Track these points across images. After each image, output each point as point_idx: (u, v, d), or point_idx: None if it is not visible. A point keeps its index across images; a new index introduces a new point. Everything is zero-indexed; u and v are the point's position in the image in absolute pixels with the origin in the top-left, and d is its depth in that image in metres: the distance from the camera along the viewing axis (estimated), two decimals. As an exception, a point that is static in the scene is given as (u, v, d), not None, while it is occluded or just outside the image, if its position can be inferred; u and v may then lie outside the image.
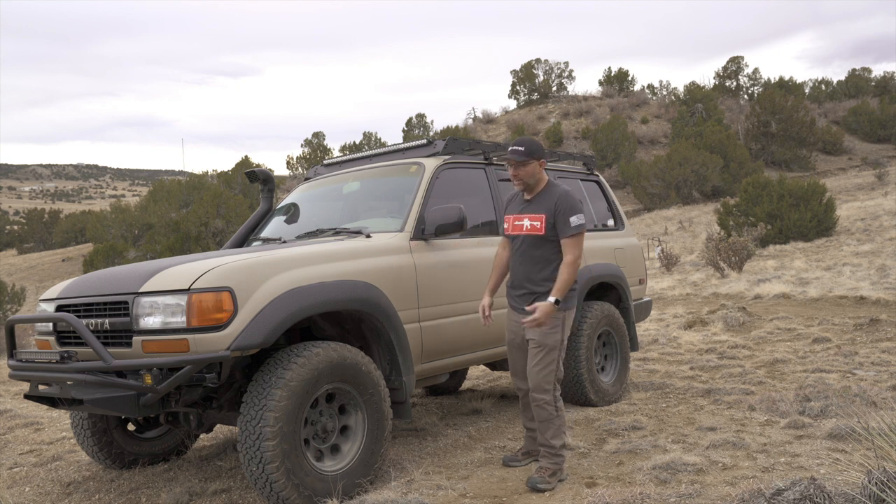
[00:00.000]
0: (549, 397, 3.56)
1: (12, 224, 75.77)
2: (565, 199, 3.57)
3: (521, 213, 3.68)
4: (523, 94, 60.14)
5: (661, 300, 12.51)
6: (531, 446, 3.83)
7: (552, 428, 3.57)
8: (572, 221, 3.53)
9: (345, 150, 53.51)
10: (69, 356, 3.25)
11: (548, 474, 3.51)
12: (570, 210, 3.54)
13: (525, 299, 3.63)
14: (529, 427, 3.84)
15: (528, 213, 3.65)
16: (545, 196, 3.63)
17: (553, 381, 3.58)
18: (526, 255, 3.64)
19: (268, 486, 3.13)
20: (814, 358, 6.58)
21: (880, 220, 21.96)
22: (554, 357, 3.56)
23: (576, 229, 3.53)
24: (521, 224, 3.65)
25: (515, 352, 3.78)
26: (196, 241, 31.66)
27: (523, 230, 3.64)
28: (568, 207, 3.54)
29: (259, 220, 5.04)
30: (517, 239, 3.69)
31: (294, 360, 3.24)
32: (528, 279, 3.64)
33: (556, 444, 3.56)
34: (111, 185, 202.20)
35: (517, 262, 3.69)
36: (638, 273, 5.95)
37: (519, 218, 3.68)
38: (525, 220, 3.64)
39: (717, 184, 37.65)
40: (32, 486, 4.06)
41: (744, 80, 58.49)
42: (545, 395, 3.56)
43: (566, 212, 3.54)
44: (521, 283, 3.68)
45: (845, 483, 2.85)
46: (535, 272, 3.62)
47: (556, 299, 3.46)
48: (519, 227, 3.67)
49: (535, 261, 3.62)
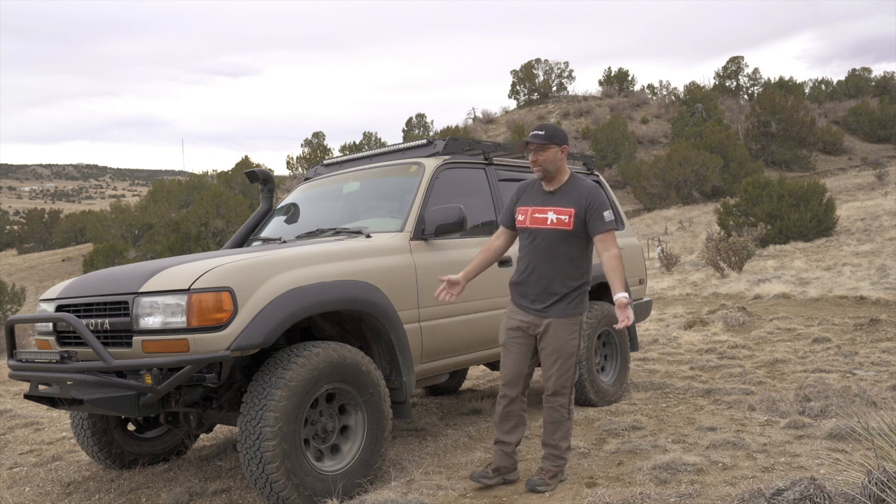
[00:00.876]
0: (566, 400, 3.47)
1: (12, 224, 75.77)
2: (597, 193, 3.38)
3: (545, 206, 3.42)
4: (523, 94, 60.16)
5: (661, 300, 12.51)
6: (502, 462, 3.53)
7: (561, 430, 3.48)
8: (605, 216, 3.35)
9: (345, 150, 53.51)
10: (69, 356, 3.25)
11: (549, 476, 3.45)
12: (602, 205, 3.36)
13: (543, 302, 3.42)
14: (503, 440, 3.53)
15: (552, 206, 3.39)
16: (572, 189, 3.41)
17: (571, 385, 3.48)
18: (548, 251, 3.39)
19: (268, 486, 3.13)
20: (814, 358, 6.58)
21: (880, 220, 21.96)
22: (573, 363, 3.44)
23: (610, 224, 3.36)
24: (545, 217, 3.39)
25: (512, 355, 3.50)
26: (196, 241, 31.66)
27: (547, 224, 3.38)
28: (600, 202, 3.36)
29: (259, 220, 5.04)
30: (537, 233, 3.41)
31: (294, 360, 3.24)
32: (548, 279, 3.40)
33: (563, 445, 3.48)
34: (111, 185, 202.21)
35: (532, 258, 3.43)
36: (638, 273, 5.95)
37: (541, 210, 3.41)
38: (550, 213, 3.39)
39: (717, 184, 37.65)
40: (32, 486, 4.05)
41: (744, 80, 58.52)
42: (562, 399, 3.46)
43: (599, 207, 3.35)
44: (536, 284, 3.43)
45: (845, 483, 2.85)
46: (559, 270, 3.39)
47: (627, 294, 3.26)
48: (542, 220, 3.40)
49: (560, 257, 3.39)
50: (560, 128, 3.47)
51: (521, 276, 3.50)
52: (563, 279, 3.41)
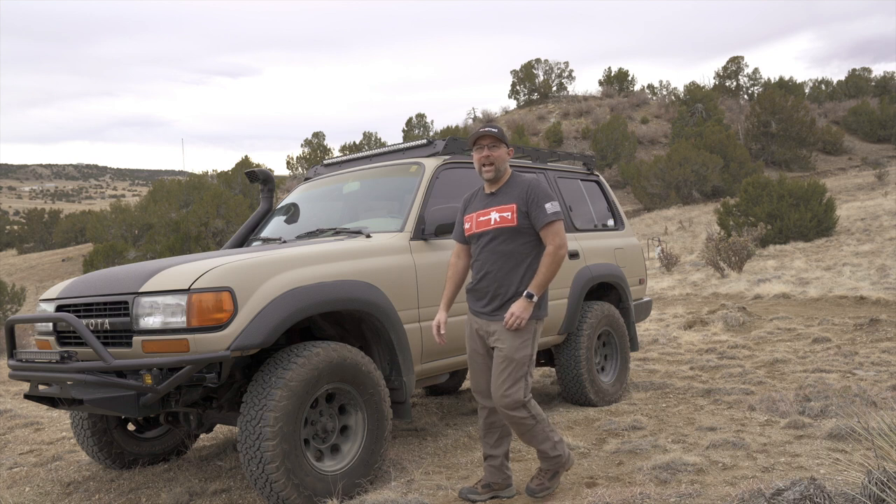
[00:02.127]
0: (524, 413, 3.19)
1: (12, 224, 75.80)
2: (536, 185, 3.25)
3: (486, 208, 3.31)
4: (523, 94, 60.21)
5: (661, 300, 12.51)
6: (493, 477, 3.36)
7: (537, 436, 3.25)
8: (548, 208, 3.18)
9: (345, 150, 53.53)
10: (69, 356, 3.24)
11: (548, 477, 3.34)
12: (545, 196, 3.21)
13: (493, 304, 3.25)
14: (490, 454, 3.37)
15: (494, 207, 3.28)
16: (511, 186, 3.30)
17: (524, 396, 3.18)
18: (496, 253, 3.24)
19: (268, 486, 3.13)
20: (814, 358, 6.58)
21: (880, 220, 21.98)
22: (523, 373, 3.18)
23: (553, 216, 3.18)
24: (488, 219, 3.27)
25: (477, 365, 3.36)
26: (196, 241, 31.68)
27: (491, 224, 3.25)
28: (542, 193, 3.21)
29: (259, 220, 5.04)
30: (483, 236, 3.29)
31: (294, 360, 3.24)
32: (498, 281, 3.23)
33: (545, 447, 3.28)
34: (111, 185, 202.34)
35: (484, 262, 3.28)
36: (638, 273, 5.95)
37: (484, 213, 3.30)
38: (492, 213, 3.27)
39: (717, 184, 37.67)
40: (32, 486, 4.05)
41: (744, 80, 58.56)
42: (518, 412, 3.18)
43: (540, 198, 3.20)
44: (487, 287, 3.26)
45: (845, 483, 2.85)
46: (507, 271, 3.22)
47: (530, 294, 3.12)
48: (485, 222, 3.28)
49: (506, 257, 3.23)
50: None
51: (473, 282, 3.36)
52: (513, 280, 3.22)
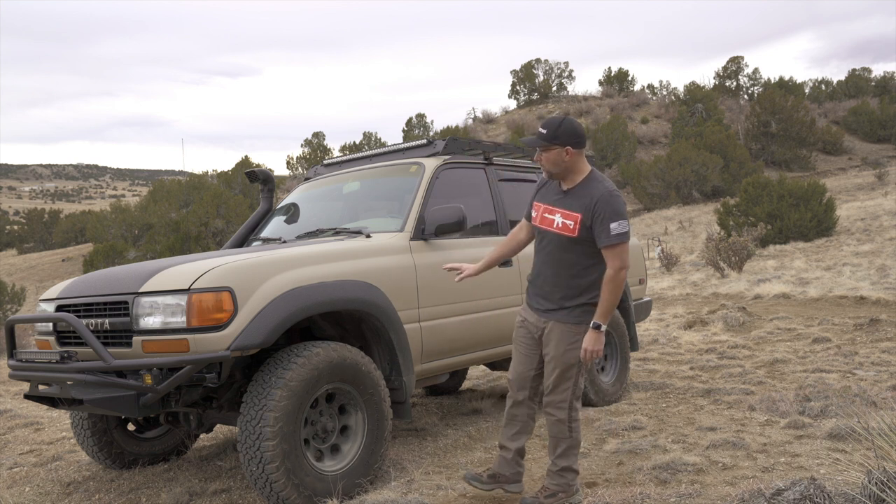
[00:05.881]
0: (564, 415, 3.14)
1: (12, 224, 75.78)
2: (607, 200, 2.99)
3: (554, 206, 3.14)
4: (523, 94, 60.17)
5: (661, 300, 12.51)
6: (501, 469, 3.30)
7: (562, 447, 3.17)
8: (613, 228, 2.96)
9: (345, 150, 53.52)
10: (69, 356, 3.24)
11: (545, 495, 3.15)
12: (613, 214, 2.97)
13: (544, 305, 3.18)
14: (504, 445, 3.32)
15: (561, 209, 3.10)
16: (583, 191, 3.07)
17: (570, 400, 3.14)
18: (553, 257, 3.14)
19: (268, 486, 3.13)
20: (814, 358, 6.58)
21: (880, 220, 21.98)
22: (572, 375, 3.12)
23: (617, 238, 2.96)
24: (553, 219, 3.11)
25: (518, 354, 3.30)
26: (196, 241, 31.67)
27: (553, 227, 3.11)
28: (610, 211, 2.97)
29: (259, 220, 5.04)
30: (544, 236, 3.17)
31: (294, 360, 3.23)
32: (551, 285, 3.15)
33: (560, 464, 3.17)
34: (111, 185, 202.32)
35: (542, 262, 3.20)
36: (638, 273, 5.95)
37: (551, 211, 3.14)
38: (557, 215, 3.10)
39: (717, 184, 37.65)
40: (32, 486, 4.05)
41: (744, 80, 58.53)
42: (558, 413, 3.16)
43: (607, 216, 2.97)
44: (542, 287, 3.20)
45: (845, 483, 2.85)
46: (561, 280, 3.12)
47: (597, 324, 3.01)
48: (549, 221, 3.13)
49: (561, 265, 3.12)
50: (569, 125, 3.09)
51: (531, 275, 3.30)
52: (565, 290, 3.12)
